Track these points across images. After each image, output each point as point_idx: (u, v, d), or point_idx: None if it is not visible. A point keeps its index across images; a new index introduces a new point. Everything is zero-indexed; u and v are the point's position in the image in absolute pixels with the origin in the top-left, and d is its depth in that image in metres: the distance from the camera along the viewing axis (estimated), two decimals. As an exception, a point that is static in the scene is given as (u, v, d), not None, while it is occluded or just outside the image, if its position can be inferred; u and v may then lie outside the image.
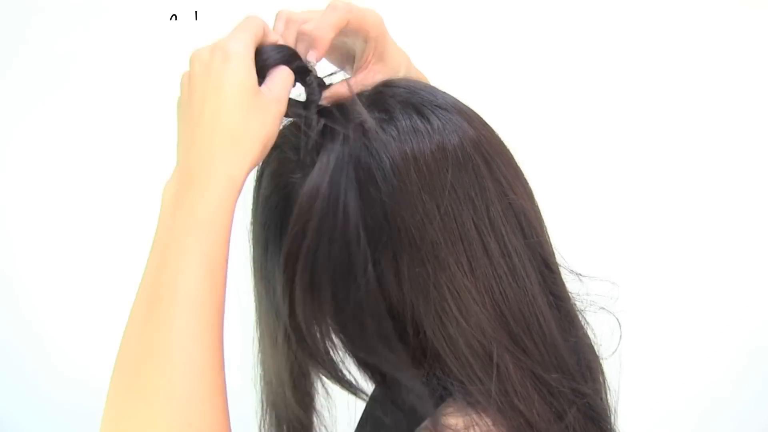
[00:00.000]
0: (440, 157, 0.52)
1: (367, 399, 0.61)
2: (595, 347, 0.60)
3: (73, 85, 1.17)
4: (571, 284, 0.59)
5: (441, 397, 0.55)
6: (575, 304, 0.59)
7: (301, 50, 0.58)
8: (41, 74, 1.16)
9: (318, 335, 0.57)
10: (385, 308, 0.54)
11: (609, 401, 0.61)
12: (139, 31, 1.14)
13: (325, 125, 0.55)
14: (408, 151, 0.52)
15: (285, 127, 0.58)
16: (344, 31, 0.58)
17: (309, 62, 0.57)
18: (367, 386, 0.61)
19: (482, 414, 0.52)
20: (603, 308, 0.59)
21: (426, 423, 0.54)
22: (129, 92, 1.16)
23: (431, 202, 0.51)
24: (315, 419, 0.62)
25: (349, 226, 0.52)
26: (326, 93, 0.58)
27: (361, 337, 0.56)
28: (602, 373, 0.61)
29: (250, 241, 0.60)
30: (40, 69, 1.16)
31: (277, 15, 0.59)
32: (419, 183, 0.52)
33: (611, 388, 0.61)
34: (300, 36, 0.58)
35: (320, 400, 0.61)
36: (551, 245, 0.58)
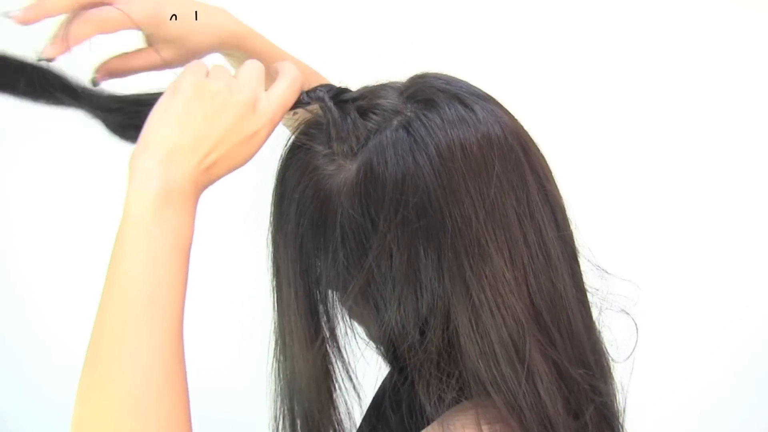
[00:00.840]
0: (486, 146, 0.52)
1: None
2: (609, 348, 0.60)
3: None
4: (589, 281, 0.59)
5: (455, 399, 0.54)
6: (595, 302, 0.59)
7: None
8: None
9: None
10: (424, 299, 0.53)
11: (618, 402, 0.61)
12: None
13: (362, 116, 0.55)
14: (455, 139, 0.52)
15: (313, 124, 0.58)
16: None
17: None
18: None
19: None
20: (623, 310, 0.59)
21: (434, 426, 0.53)
22: (128, 91, 1.15)
23: (477, 191, 0.51)
24: (347, 423, 0.61)
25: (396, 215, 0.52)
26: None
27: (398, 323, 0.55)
28: (612, 373, 0.61)
29: (276, 245, 0.59)
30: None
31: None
32: (465, 172, 0.51)
33: (620, 389, 0.62)
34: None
35: (351, 402, 0.61)
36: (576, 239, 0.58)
